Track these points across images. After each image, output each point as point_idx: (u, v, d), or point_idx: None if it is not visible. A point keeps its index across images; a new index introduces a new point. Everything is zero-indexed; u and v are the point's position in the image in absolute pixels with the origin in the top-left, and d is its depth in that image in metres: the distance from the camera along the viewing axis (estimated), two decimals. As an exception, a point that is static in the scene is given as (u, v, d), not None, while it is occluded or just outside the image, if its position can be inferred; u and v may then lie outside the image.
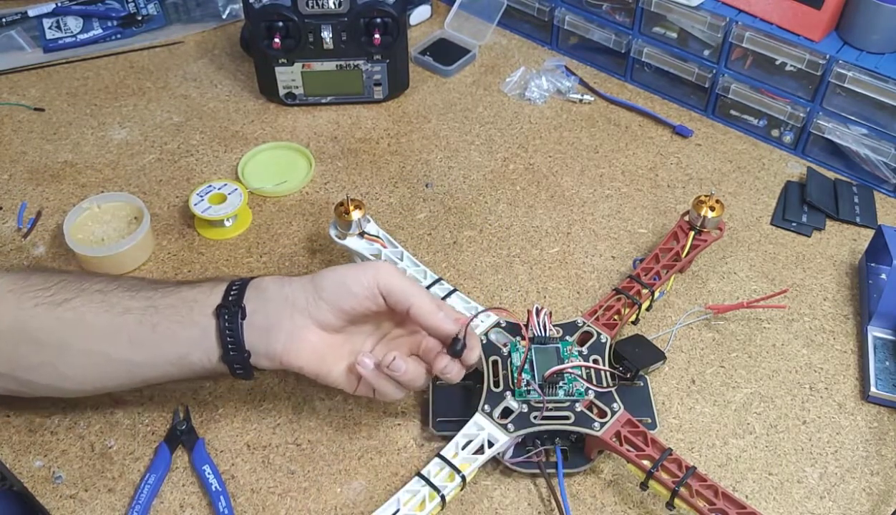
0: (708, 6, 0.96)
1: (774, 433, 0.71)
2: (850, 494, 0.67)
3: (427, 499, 0.61)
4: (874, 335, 0.77)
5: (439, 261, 0.86)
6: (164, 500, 0.65)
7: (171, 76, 1.10)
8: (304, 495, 0.66)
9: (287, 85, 1.02)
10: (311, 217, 0.90)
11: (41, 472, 0.67)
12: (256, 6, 0.95)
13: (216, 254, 0.86)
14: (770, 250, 0.87)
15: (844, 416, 0.72)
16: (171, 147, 0.99)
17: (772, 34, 0.92)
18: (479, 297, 0.82)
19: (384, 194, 0.93)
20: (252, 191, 0.93)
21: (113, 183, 0.94)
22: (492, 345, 0.70)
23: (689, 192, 0.94)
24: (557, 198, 0.93)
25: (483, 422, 0.65)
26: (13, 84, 1.08)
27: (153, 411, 0.72)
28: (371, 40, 0.97)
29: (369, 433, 0.70)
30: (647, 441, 0.63)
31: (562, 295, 0.82)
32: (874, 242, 0.83)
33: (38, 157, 0.97)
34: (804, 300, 0.82)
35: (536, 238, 0.88)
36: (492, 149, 1.00)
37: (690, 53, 1.01)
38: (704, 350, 0.77)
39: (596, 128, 1.03)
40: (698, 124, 1.03)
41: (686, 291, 0.83)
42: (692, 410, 0.72)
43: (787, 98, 0.95)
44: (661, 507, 0.64)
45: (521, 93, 1.08)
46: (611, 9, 1.05)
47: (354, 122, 1.03)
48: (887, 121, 0.89)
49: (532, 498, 0.66)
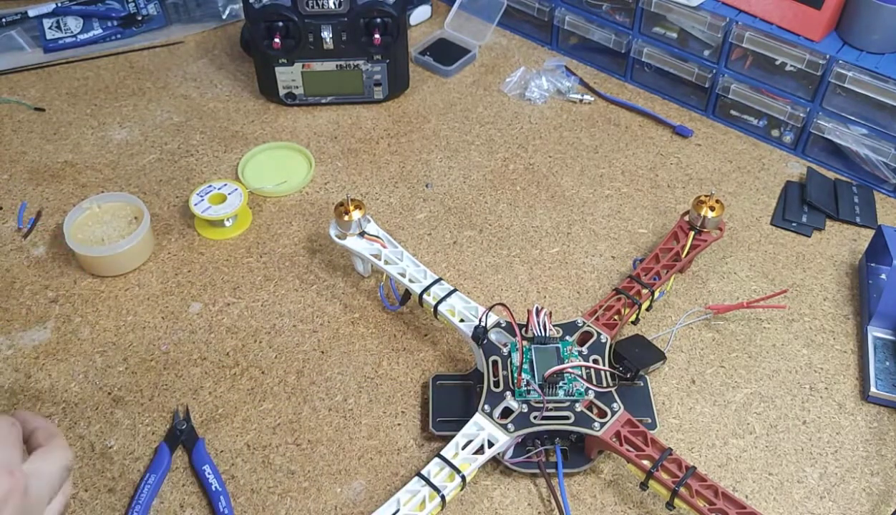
0: (708, 6, 0.96)
1: (774, 433, 0.71)
2: (850, 494, 0.67)
3: (427, 499, 0.61)
4: (874, 335, 0.77)
5: (439, 261, 0.86)
6: (165, 500, 0.65)
7: (171, 76, 1.10)
8: (304, 495, 0.66)
9: (287, 85, 1.02)
10: (311, 217, 0.90)
11: (41, 472, 0.67)
12: (256, 6, 0.95)
13: (216, 254, 0.86)
14: (770, 250, 0.87)
15: (844, 416, 0.72)
16: (171, 147, 0.99)
17: (772, 34, 0.92)
18: (479, 297, 0.82)
19: (384, 194, 0.93)
20: (252, 191, 0.93)
21: (113, 183, 0.94)
22: (492, 345, 0.70)
23: (689, 192, 0.94)
24: (557, 198, 0.93)
25: (483, 422, 0.65)
26: (13, 84, 1.08)
27: (153, 411, 0.72)
28: (371, 40, 0.97)
29: (369, 433, 0.70)
30: (647, 441, 0.63)
31: (562, 295, 0.82)
32: (874, 242, 0.83)
33: (38, 157, 0.97)
34: (804, 300, 0.82)
35: (536, 238, 0.88)
36: (492, 149, 1.00)
37: (690, 53, 1.01)
38: (704, 350, 0.77)
39: (596, 128, 1.03)
40: (698, 124, 1.03)
41: (686, 291, 0.83)
42: (692, 410, 0.72)
43: (787, 98, 0.95)
44: (661, 507, 0.64)
45: (521, 94, 1.08)
46: (611, 9, 1.05)
47: (354, 122, 1.03)
48: (887, 121, 0.89)
49: (532, 498, 0.66)
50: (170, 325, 0.79)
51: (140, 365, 0.75)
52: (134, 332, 0.78)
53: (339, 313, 0.80)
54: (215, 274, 0.84)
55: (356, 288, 0.83)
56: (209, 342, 0.77)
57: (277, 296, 0.82)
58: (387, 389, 0.74)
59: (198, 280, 0.83)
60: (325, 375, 0.75)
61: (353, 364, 0.76)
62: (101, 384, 0.74)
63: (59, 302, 0.81)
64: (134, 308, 0.80)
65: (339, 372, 0.75)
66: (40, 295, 0.82)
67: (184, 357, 0.76)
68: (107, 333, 0.78)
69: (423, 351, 0.77)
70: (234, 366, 0.75)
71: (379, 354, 0.77)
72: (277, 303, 0.81)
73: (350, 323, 0.79)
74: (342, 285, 0.83)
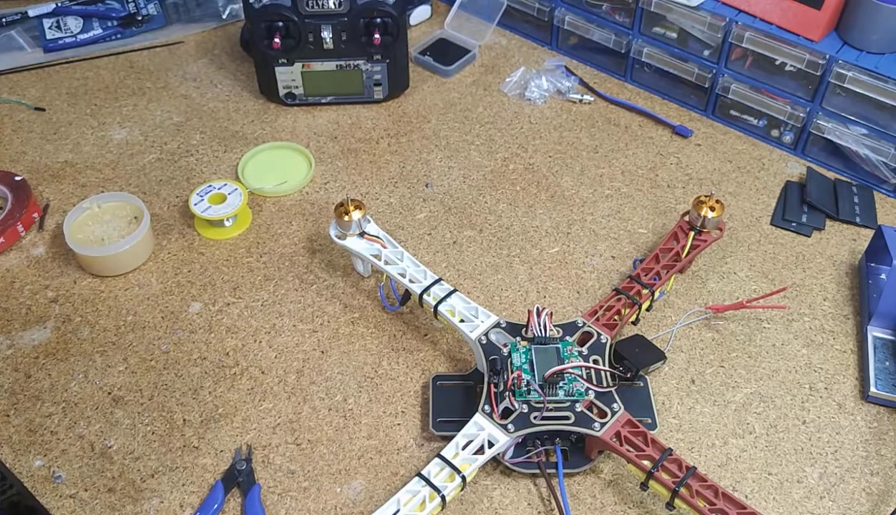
0: (708, 6, 0.96)
1: (774, 433, 0.71)
2: (849, 494, 0.67)
3: (427, 499, 0.61)
4: (874, 335, 0.77)
5: (439, 261, 0.86)
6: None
7: (171, 76, 1.10)
8: (304, 495, 0.66)
9: (287, 85, 1.02)
10: (311, 217, 0.90)
11: (41, 472, 0.67)
12: (256, 6, 0.95)
13: (216, 254, 0.86)
14: (770, 250, 0.87)
15: (844, 416, 0.72)
16: (171, 147, 0.99)
17: (772, 34, 0.92)
18: (479, 297, 0.82)
19: (384, 194, 0.93)
20: (252, 191, 0.93)
21: (113, 183, 0.94)
22: (492, 345, 0.70)
23: (689, 192, 0.94)
24: (557, 198, 0.93)
25: (483, 423, 0.65)
26: (13, 84, 1.08)
27: (153, 411, 0.72)
28: (371, 40, 0.97)
29: (369, 433, 0.70)
30: (647, 442, 0.63)
31: (562, 295, 0.82)
32: (874, 242, 0.83)
33: (38, 157, 0.97)
34: (804, 300, 0.82)
35: (536, 238, 0.88)
36: (492, 149, 1.00)
37: (690, 53, 1.01)
38: (704, 350, 0.77)
39: (596, 128, 1.03)
40: (698, 124, 1.03)
41: (686, 291, 0.83)
42: (692, 410, 0.72)
43: (786, 98, 0.95)
44: (661, 507, 0.64)
45: (521, 93, 1.08)
46: (611, 9, 1.05)
47: (354, 122, 1.03)
48: (887, 121, 0.89)
49: (532, 498, 0.66)
50: (170, 325, 0.79)
51: (140, 365, 0.75)
52: (134, 332, 0.78)
53: (339, 313, 0.80)
54: (215, 274, 0.84)
55: (356, 288, 0.83)
56: (209, 342, 0.77)
57: (277, 296, 0.82)
58: (387, 389, 0.74)
59: (198, 280, 0.83)
60: (325, 375, 0.75)
61: (352, 364, 0.76)
62: (101, 384, 0.74)
63: (59, 302, 0.81)
64: (134, 308, 0.80)
65: (339, 371, 0.75)
66: (40, 294, 0.82)
67: (184, 357, 0.76)
68: (107, 333, 0.78)
69: (423, 351, 0.77)
70: (234, 366, 0.75)
71: (379, 354, 0.77)
72: (277, 303, 0.81)
73: (350, 323, 0.79)
74: (342, 285, 0.83)
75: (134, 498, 0.66)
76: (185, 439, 0.70)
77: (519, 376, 0.66)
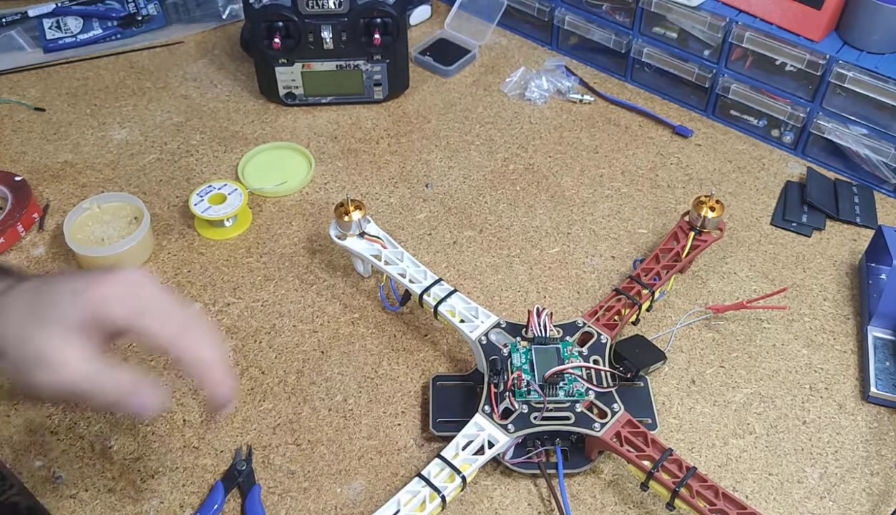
0: (708, 6, 0.96)
1: (774, 433, 0.71)
2: (850, 494, 0.67)
3: (427, 500, 0.61)
4: (874, 335, 0.77)
5: (439, 262, 0.86)
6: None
7: (171, 76, 1.10)
8: (304, 495, 0.66)
9: (287, 85, 1.02)
10: (311, 217, 0.90)
11: (41, 472, 0.67)
12: (256, 6, 0.95)
13: (216, 255, 0.86)
14: (770, 250, 0.87)
15: (844, 416, 0.72)
16: (171, 147, 0.99)
17: (772, 34, 0.92)
18: (479, 298, 0.82)
19: (384, 194, 0.93)
20: (252, 191, 0.93)
21: (113, 183, 0.94)
22: (492, 346, 0.70)
23: (689, 192, 0.94)
24: (557, 198, 0.93)
25: (483, 423, 0.65)
26: (13, 84, 1.08)
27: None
28: (371, 40, 0.97)
29: (369, 433, 0.70)
30: (648, 442, 0.63)
31: (562, 295, 0.82)
32: (874, 242, 0.83)
33: (38, 157, 0.97)
34: (804, 300, 0.82)
35: (536, 238, 0.88)
36: (492, 149, 1.00)
37: (690, 53, 1.01)
38: (704, 350, 0.77)
39: (596, 128, 1.03)
40: (698, 124, 1.03)
41: (686, 291, 0.83)
42: (692, 410, 0.72)
43: (787, 98, 0.95)
44: (661, 507, 0.64)
45: (521, 94, 1.08)
46: (611, 9, 1.05)
47: (354, 122, 1.03)
48: (887, 121, 0.89)
49: (532, 499, 0.66)
50: (170, 325, 0.79)
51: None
52: (134, 332, 0.78)
53: (339, 313, 0.80)
54: (215, 275, 0.84)
55: (356, 288, 0.83)
56: (209, 342, 0.77)
57: (277, 296, 0.82)
58: (387, 389, 0.74)
59: (198, 280, 0.83)
60: (325, 375, 0.75)
61: (352, 364, 0.76)
62: (101, 384, 0.74)
63: (59, 303, 0.81)
64: (134, 308, 0.80)
65: (339, 372, 0.75)
66: (40, 295, 0.81)
67: (184, 357, 0.76)
68: (107, 333, 0.78)
69: (423, 351, 0.77)
70: (234, 366, 0.75)
71: (379, 354, 0.77)
72: (277, 303, 0.81)
73: (350, 323, 0.79)
74: (342, 285, 0.83)
75: (134, 499, 0.66)
76: (185, 439, 0.70)
77: (519, 376, 0.66)
